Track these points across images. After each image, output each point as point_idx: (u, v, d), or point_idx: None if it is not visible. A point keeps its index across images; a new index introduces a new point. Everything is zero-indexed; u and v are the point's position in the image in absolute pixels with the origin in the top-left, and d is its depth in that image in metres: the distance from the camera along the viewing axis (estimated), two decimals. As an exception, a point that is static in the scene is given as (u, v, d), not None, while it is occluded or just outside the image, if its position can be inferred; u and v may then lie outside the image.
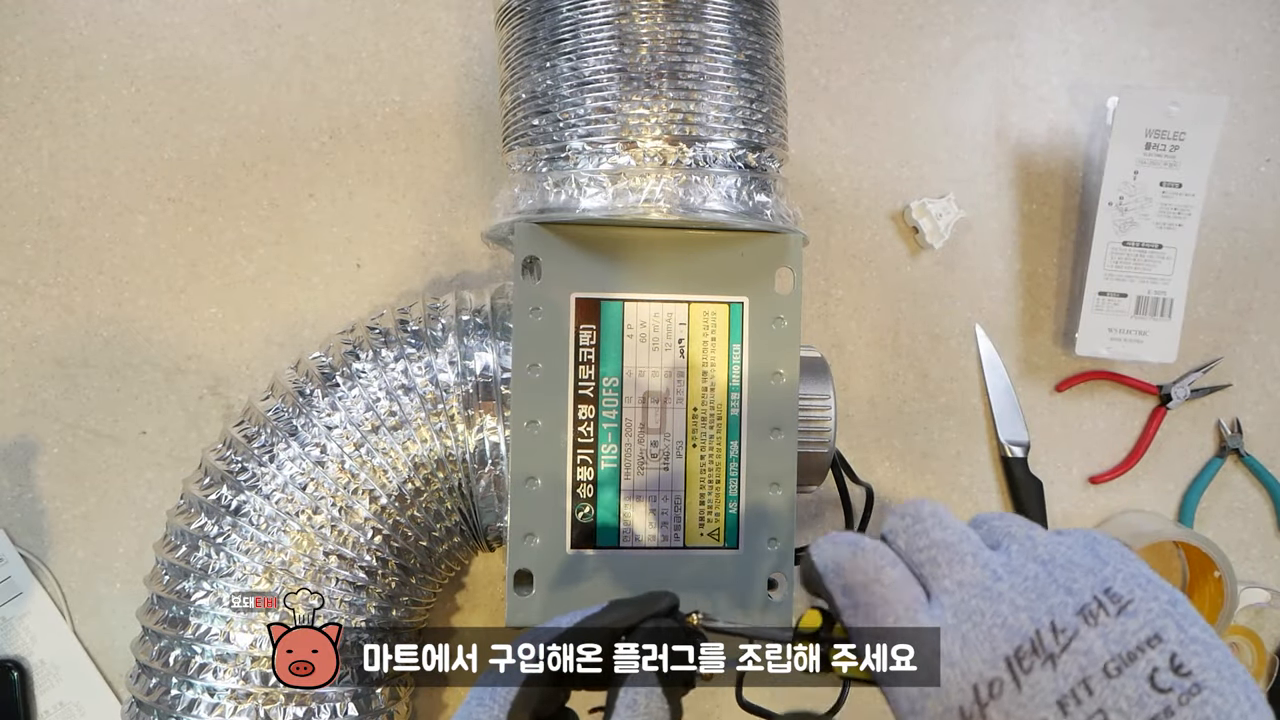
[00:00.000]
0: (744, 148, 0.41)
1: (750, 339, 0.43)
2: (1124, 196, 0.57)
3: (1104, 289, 0.57)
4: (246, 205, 0.56)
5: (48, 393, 0.55)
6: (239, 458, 0.44)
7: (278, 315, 0.57)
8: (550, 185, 0.40)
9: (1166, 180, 0.56)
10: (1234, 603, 0.56)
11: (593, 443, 0.42)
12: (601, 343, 0.42)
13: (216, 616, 0.42)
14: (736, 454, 0.42)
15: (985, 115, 0.60)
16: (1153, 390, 0.60)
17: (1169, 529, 0.57)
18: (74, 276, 0.56)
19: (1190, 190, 0.57)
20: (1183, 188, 0.56)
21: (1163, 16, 0.61)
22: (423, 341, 0.44)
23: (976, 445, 0.60)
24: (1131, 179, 0.57)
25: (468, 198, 0.58)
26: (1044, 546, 0.25)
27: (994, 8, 0.61)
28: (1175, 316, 0.57)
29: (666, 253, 0.42)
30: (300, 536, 0.42)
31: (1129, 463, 0.60)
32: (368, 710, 0.44)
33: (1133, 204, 0.56)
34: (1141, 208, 0.57)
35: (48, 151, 0.56)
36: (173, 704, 0.42)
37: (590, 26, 0.40)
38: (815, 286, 0.59)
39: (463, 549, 0.47)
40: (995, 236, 0.60)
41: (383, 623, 0.45)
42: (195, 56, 0.56)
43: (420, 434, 0.43)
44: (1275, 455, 0.61)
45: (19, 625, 0.54)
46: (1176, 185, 0.56)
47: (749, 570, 0.42)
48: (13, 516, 0.55)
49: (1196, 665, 0.22)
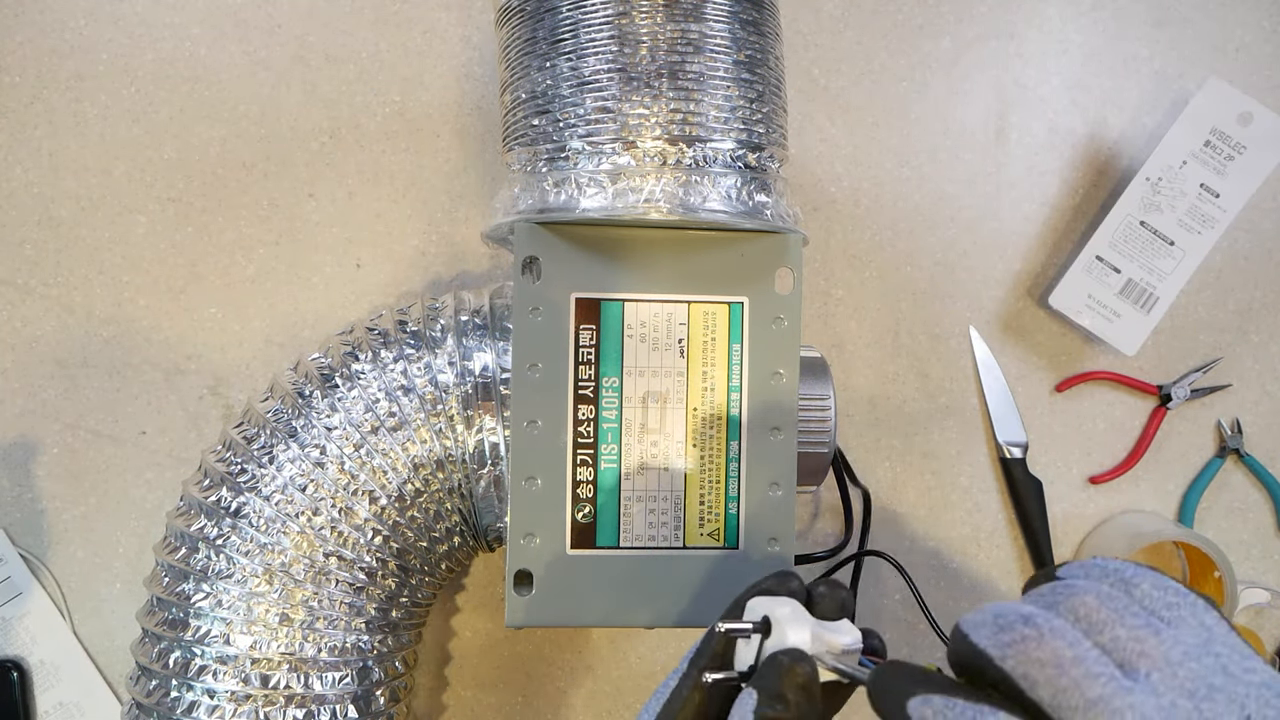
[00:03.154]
0: (744, 148, 0.41)
1: (750, 339, 0.43)
2: (1162, 178, 0.56)
3: (1102, 255, 0.57)
4: (246, 205, 0.56)
5: (48, 393, 0.55)
6: (239, 459, 0.44)
7: (278, 315, 0.57)
8: (550, 185, 0.40)
9: (1208, 184, 0.56)
10: (1234, 603, 0.56)
11: (593, 443, 0.42)
12: (601, 343, 0.42)
13: (216, 618, 0.42)
14: (736, 454, 0.43)
15: (985, 115, 0.60)
16: (1153, 390, 0.60)
17: (1169, 529, 0.57)
18: (74, 276, 0.56)
19: (1225, 205, 0.56)
20: (1220, 199, 0.56)
21: (1163, 16, 0.61)
22: (422, 342, 0.44)
23: (976, 445, 0.60)
24: (1178, 167, 0.56)
25: (468, 198, 0.58)
26: (1184, 671, 0.23)
27: (994, 8, 0.61)
28: (1154, 314, 0.57)
29: (666, 253, 0.42)
30: (300, 538, 0.42)
31: (1129, 463, 0.60)
32: (367, 712, 0.44)
33: (1167, 189, 0.56)
34: (1173, 199, 0.56)
35: (48, 151, 0.56)
36: (172, 706, 0.42)
37: (590, 26, 0.40)
38: (815, 286, 0.59)
39: (463, 549, 0.47)
40: (995, 236, 0.60)
41: (383, 623, 0.45)
42: (195, 56, 0.56)
43: (420, 435, 0.43)
44: (1275, 455, 0.61)
45: (19, 625, 0.54)
46: (1215, 194, 0.56)
47: (749, 570, 0.42)
48: (13, 516, 0.55)
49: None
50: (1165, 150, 0.56)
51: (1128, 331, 0.57)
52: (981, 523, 0.60)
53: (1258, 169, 0.56)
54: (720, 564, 0.42)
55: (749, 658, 0.30)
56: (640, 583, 0.42)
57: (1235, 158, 0.56)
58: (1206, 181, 0.56)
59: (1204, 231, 0.56)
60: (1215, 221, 0.56)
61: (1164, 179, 0.56)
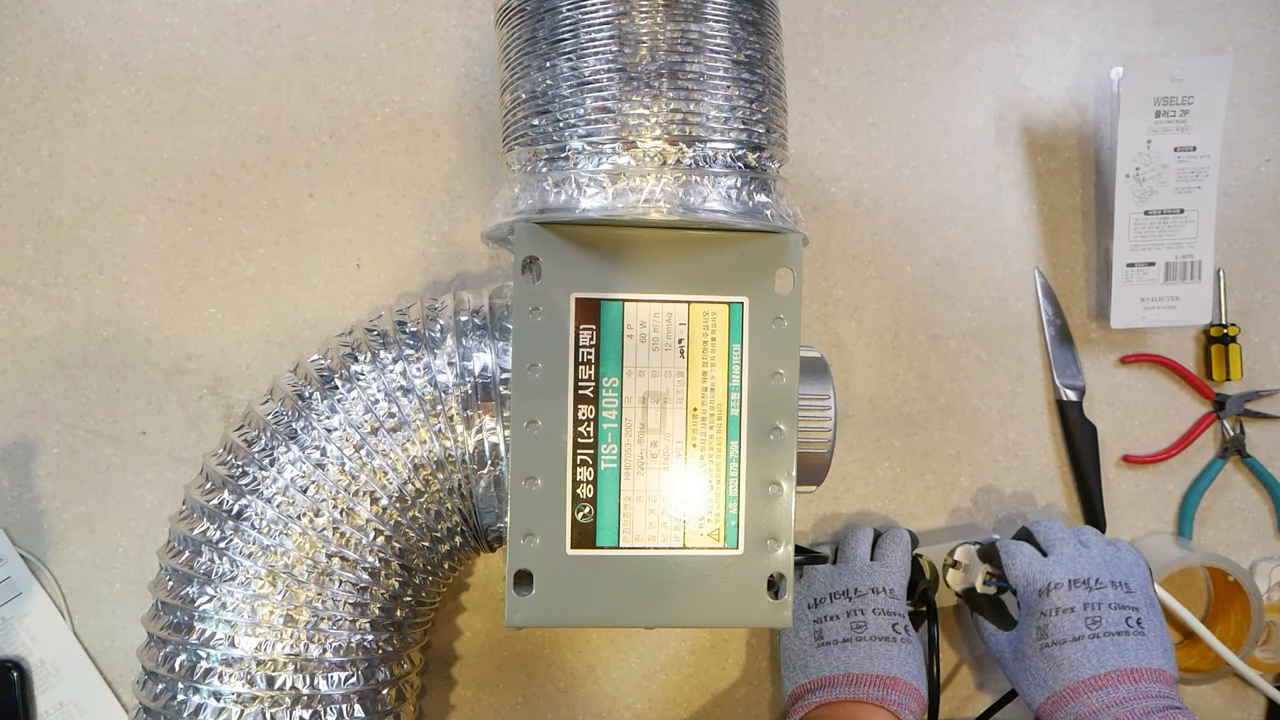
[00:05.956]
0: (744, 148, 0.41)
1: (750, 339, 0.43)
2: (1140, 167, 0.57)
3: (1131, 260, 0.58)
4: (246, 205, 0.56)
5: (48, 393, 0.55)
6: (240, 462, 0.44)
7: (278, 315, 0.57)
8: (550, 185, 0.40)
9: (1181, 145, 0.57)
10: (1260, 625, 0.56)
11: (593, 443, 0.42)
12: (601, 343, 0.42)
13: (221, 621, 0.42)
14: (736, 454, 0.42)
15: (985, 115, 0.60)
16: (1209, 394, 0.60)
17: (1193, 555, 0.57)
18: (74, 276, 0.56)
19: (1205, 152, 0.57)
20: (1197, 150, 0.57)
21: (1163, 16, 0.61)
22: (421, 343, 0.44)
23: (976, 445, 0.60)
24: (1145, 149, 0.57)
25: (468, 198, 0.58)
26: (1069, 550, 0.51)
27: (994, 8, 0.61)
28: (1205, 278, 0.58)
29: (666, 253, 0.42)
30: (302, 539, 0.42)
31: (1166, 454, 0.60)
32: (374, 711, 0.44)
33: (1150, 173, 0.57)
34: (1159, 175, 0.57)
35: (48, 151, 0.56)
36: (179, 709, 0.42)
37: (590, 26, 0.39)
38: (815, 286, 0.59)
39: (464, 549, 0.47)
40: (995, 236, 0.60)
41: (387, 623, 0.45)
42: (195, 56, 0.56)
43: (419, 435, 0.43)
44: (1277, 456, 0.61)
45: (19, 625, 0.54)
46: (1191, 149, 0.57)
47: (749, 570, 0.42)
48: (13, 516, 0.55)
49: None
50: (1126, 142, 0.57)
51: (1192, 306, 0.58)
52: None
53: (1215, 105, 0.56)
54: (720, 564, 0.42)
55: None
56: (640, 583, 0.42)
57: (1189, 109, 0.56)
58: (1178, 144, 0.57)
59: (1202, 184, 0.57)
60: (1207, 170, 0.57)
61: (1140, 166, 0.57)
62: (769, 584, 0.42)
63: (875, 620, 0.51)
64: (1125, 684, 0.46)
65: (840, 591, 0.52)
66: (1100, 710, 0.46)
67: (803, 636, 0.52)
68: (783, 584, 0.42)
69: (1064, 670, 0.48)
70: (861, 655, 0.50)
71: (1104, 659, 0.47)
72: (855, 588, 0.52)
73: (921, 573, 0.55)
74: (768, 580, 0.42)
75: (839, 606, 0.52)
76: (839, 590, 0.52)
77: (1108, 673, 0.47)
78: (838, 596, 0.52)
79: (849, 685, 0.49)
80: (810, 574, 0.54)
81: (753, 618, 0.42)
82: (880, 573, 0.53)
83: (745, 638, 0.58)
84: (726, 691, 0.58)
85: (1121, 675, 0.47)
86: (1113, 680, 0.47)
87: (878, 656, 0.50)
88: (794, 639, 0.53)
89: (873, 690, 0.49)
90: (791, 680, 0.52)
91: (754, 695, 0.58)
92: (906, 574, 0.54)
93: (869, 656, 0.50)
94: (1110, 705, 0.46)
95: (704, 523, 0.42)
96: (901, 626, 0.51)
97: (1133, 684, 0.46)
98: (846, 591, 0.52)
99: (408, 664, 0.47)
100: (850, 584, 0.52)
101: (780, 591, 0.42)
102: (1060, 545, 0.51)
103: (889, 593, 0.52)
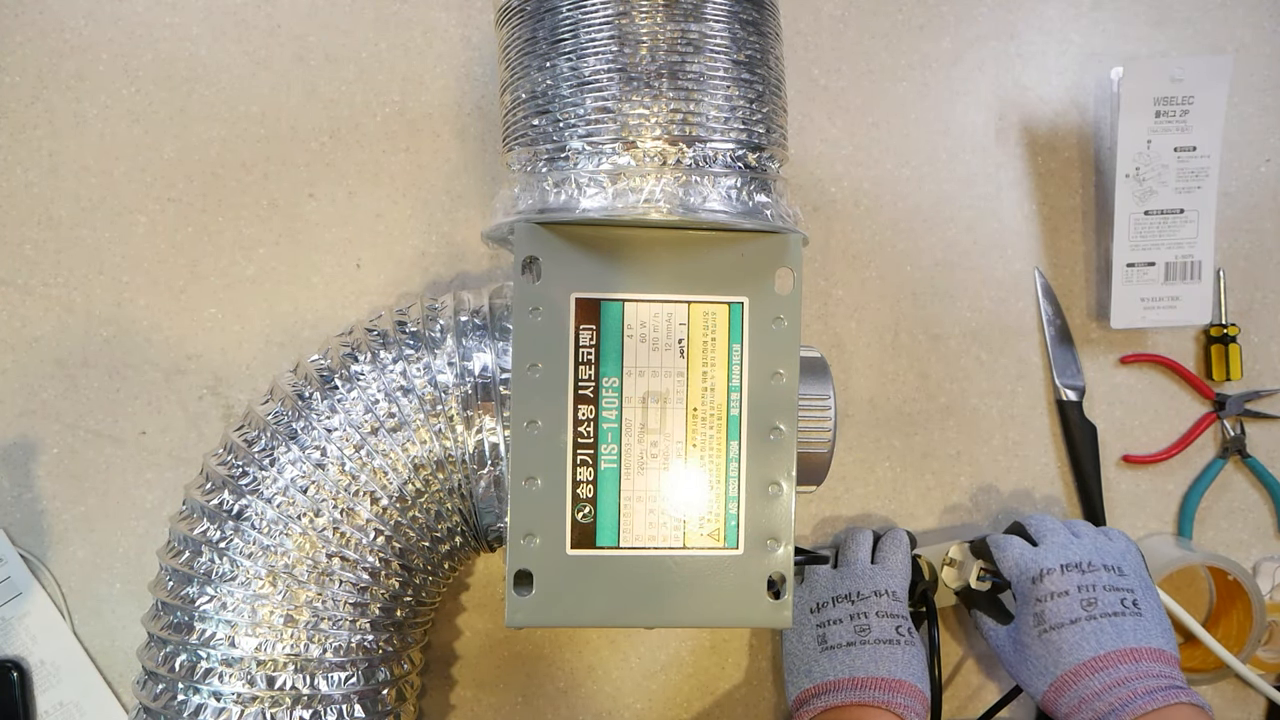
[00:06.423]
0: (744, 148, 0.41)
1: (750, 339, 0.43)
2: (1140, 167, 0.57)
3: (1131, 260, 0.58)
4: (246, 205, 0.56)
5: (48, 393, 0.55)
6: (240, 462, 0.44)
7: (278, 315, 0.57)
8: (550, 185, 0.40)
9: (1181, 145, 0.57)
10: (1262, 624, 0.56)
11: (593, 443, 0.42)
12: (601, 343, 0.42)
13: (221, 621, 0.42)
14: (736, 454, 0.42)
15: (985, 115, 0.60)
16: (1209, 394, 0.60)
17: (1194, 555, 0.57)
18: (74, 276, 0.56)
19: (1205, 152, 0.57)
20: (1197, 150, 0.57)
21: (1163, 16, 0.61)
22: (421, 343, 0.44)
23: (976, 445, 0.60)
24: (1145, 149, 0.57)
25: (468, 198, 0.58)
26: (1061, 538, 0.52)
27: (994, 8, 0.61)
28: (1205, 278, 0.58)
29: (666, 253, 0.42)
30: (303, 539, 0.42)
31: (1165, 454, 0.60)
32: (374, 711, 0.44)
33: (1149, 173, 0.57)
34: (1159, 175, 0.57)
35: (48, 151, 0.56)
36: (179, 709, 0.42)
37: (590, 26, 0.39)
38: (815, 286, 0.59)
39: (464, 549, 0.47)
40: (995, 236, 0.60)
41: (388, 623, 0.45)
42: (195, 56, 0.56)
43: (419, 435, 0.43)
44: (1277, 456, 0.61)
45: (19, 625, 0.54)
46: (1191, 149, 0.57)
47: (749, 571, 0.42)
48: (13, 516, 0.55)
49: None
50: (1126, 142, 0.57)
51: (1192, 306, 0.58)
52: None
53: (1215, 105, 0.57)
54: (720, 564, 0.42)
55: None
56: (640, 583, 0.42)
57: (1189, 109, 0.57)
58: (1178, 144, 0.57)
59: (1202, 184, 0.57)
60: (1206, 171, 0.57)
61: (1140, 166, 0.57)
62: (769, 584, 0.42)
63: (879, 623, 0.51)
64: (1126, 664, 0.46)
65: (843, 595, 0.52)
66: (1102, 691, 0.46)
67: (806, 640, 0.52)
68: (783, 584, 0.42)
69: (1064, 654, 0.48)
70: (866, 658, 0.50)
71: (1103, 640, 0.47)
72: (858, 591, 0.52)
73: (920, 574, 0.56)
74: (768, 580, 0.42)
75: (842, 610, 0.52)
76: (842, 594, 0.52)
77: (1108, 653, 0.47)
78: (840, 600, 0.52)
79: (854, 689, 0.49)
80: (812, 578, 0.54)
81: (753, 618, 0.42)
82: (882, 575, 0.53)
83: (745, 638, 0.58)
84: (727, 692, 0.58)
85: (1122, 655, 0.47)
86: (1113, 661, 0.46)
87: (882, 659, 0.50)
88: (797, 643, 0.53)
89: (878, 693, 0.49)
90: (795, 685, 0.52)
91: (754, 695, 0.58)
92: (908, 576, 0.54)
93: (874, 660, 0.50)
94: (1112, 686, 0.46)
95: (704, 523, 0.42)
96: (905, 629, 0.51)
97: (1134, 664, 0.46)
98: (849, 595, 0.52)
99: (408, 664, 0.47)
100: (853, 587, 0.52)
101: (780, 592, 0.42)
102: (1051, 535, 0.52)
103: (891, 595, 0.52)
